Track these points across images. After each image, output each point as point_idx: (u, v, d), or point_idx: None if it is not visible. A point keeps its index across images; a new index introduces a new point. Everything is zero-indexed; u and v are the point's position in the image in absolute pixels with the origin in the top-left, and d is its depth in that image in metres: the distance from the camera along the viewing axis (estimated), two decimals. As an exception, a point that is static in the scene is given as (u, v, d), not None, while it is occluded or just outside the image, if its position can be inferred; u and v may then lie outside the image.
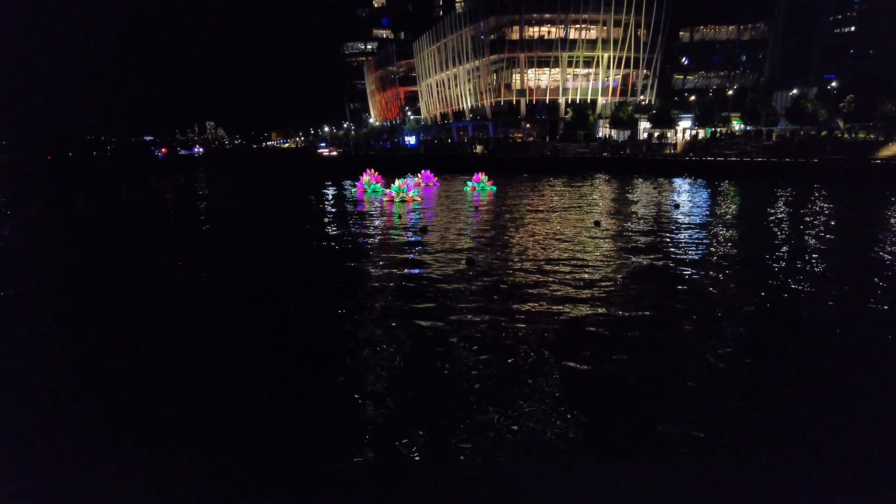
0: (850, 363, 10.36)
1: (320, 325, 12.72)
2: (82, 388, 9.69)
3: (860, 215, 30.30)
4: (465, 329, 11.93)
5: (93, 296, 15.68)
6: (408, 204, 34.97)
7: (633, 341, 11.25)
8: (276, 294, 15.39)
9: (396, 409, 8.60)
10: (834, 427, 8.15)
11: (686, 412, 8.47)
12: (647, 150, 76.81)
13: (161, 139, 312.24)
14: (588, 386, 9.29)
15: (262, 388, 9.50)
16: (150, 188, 58.69)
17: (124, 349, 11.43)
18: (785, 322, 12.56)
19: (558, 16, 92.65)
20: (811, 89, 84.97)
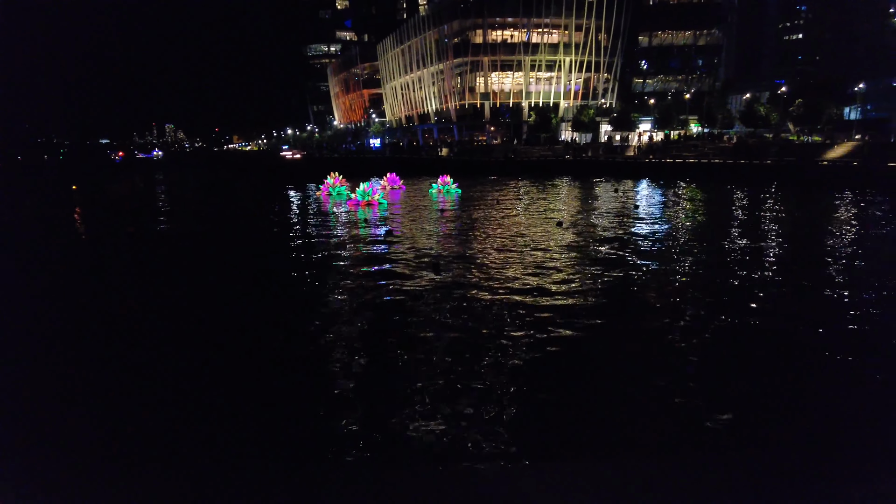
0: (799, 352, 10.79)
1: (281, 331, 12.52)
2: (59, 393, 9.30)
3: (809, 214, 31.59)
4: (430, 331, 11.93)
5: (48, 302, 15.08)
6: (373, 207, 34.78)
7: (596, 337, 11.45)
8: (236, 299, 15.08)
9: (359, 415, 8.53)
10: (788, 417, 8.47)
11: (652, 410, 8.66)
12: (608, 153, 78.37)
13: (118, 142, 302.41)
14: (554, 384, 9.41)
15: (221, 397, 9.29)
16: (105, 192, 56.78)
17: (82, 365, 11.01)
18: (740, 313, 12.98)
19: (521, 20, 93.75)
20: (763, 93, 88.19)
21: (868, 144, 59.51)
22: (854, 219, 29.45)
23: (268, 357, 11.00)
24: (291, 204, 40.16)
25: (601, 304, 14.00)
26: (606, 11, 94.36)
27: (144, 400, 9.25)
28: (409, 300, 14.23)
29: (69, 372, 10.51)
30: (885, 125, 71.12)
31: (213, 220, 33.12)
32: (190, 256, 21.82)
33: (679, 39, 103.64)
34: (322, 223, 29.47)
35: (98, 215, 36.39)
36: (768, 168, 56.84)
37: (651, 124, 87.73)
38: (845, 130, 71.22)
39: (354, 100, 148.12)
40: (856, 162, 53.52)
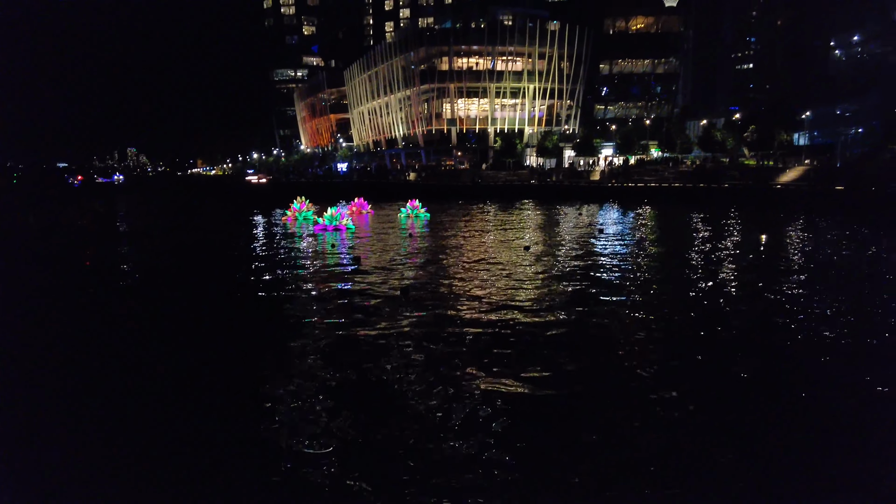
0: (756, 366, 11.07)
1: (245, 360, 12.21)
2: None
3: (765, 234, 32.78)
4: (399, 358, 11.81)
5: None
6: (341, 232, 34.55)
7: (566, 360, 11.51)
8: (197, 327, 14.67)
9: (326, 447, 8.33)
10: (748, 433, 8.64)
11: (625, 431, 8.71)
12: (572, 177, 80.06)
13: (77, 166, 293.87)
14: (526, 410, 9.39)
15: (185, 426, 8.96)
16: (62, 218, 54.90)
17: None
18: (703, 330, 13.27)
19: (485, 48, 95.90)
20: (719, 119, 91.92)
21: (816, 169, 62.47)
22: (806, 239, 30.69)
23: (221, 389, 10.68)
24: (256, 230, 39.56)
25: (571, 326, 14.13)
26: (568, 41, 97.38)
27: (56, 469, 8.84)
28: (401, 292, 14.05)
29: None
30: (831, 151, 74.90)
31: (173, 248, 32.34)
32: (143, 290, 21.19)
33: (638, 67, 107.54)
34: (288, 249, 29.08)
35: (53, 243, 35.10)
36: (726, 191, 58.95)
37: (613, 149, 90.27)
38: (796, 155, 74.67)
39: (321, 124, 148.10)
40: (807, 185, 56.01)
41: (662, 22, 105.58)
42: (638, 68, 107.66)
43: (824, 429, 9.03)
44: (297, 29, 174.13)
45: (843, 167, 62.85)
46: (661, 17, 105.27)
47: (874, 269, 22.27)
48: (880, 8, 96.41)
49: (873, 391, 10.25)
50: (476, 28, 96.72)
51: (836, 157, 70.59)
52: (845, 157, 71.62)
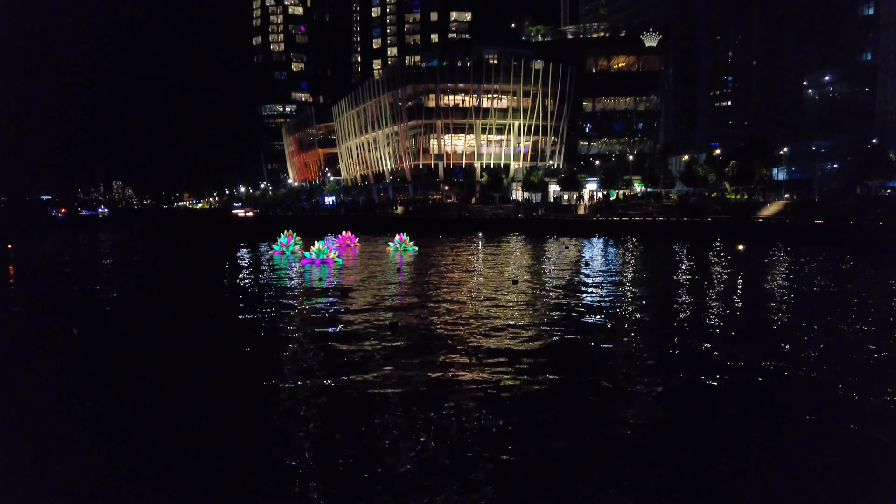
0: (742, 402, 11.08)
1: (232, 394, 11.97)
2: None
3: (749, 268, 33.23)
4: (386, 394, 11.66)
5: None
6: (329, 266, 34.41)
7: (554, 398, 11.44)
8: (185, 362, 14.40)
9: (312, 487, 8.13)
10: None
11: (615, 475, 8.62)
12: (557, 212, 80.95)
13: (61, 198, 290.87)
14: (516, 450, 9.27)
15: (175, 461, 8.71)
16: (44, 251, 54.06)
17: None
18: (688, 367, 13.30)
19: (472, 86, 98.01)
20: (700, 155, 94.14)
21: (795, 203, 63.91)
22: (789, 272, 31.16)
23: (208, 425, 10.43)
24: (243, 264, 39.28)
25: (557, 361, 14.08)
26: (552, 79, 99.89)
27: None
28: (389, 327, 13.92)
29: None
30: (809, 185, 76.89)
31: (155, 282, 31.94)
32: (127, 327, 20.83)
33: (620, 105, 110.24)
34: (275, 283, 28.86)
35: (33, 278, 34.48)
36: (710, 225, 59.88)
37: (597, 184, 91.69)
38: (776, 189, 76.49)
39: (309, 158, 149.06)
40: (788, 219, 57.18)
41: (643, 61, 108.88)
42: (620, 105, 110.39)
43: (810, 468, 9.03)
44: (286, 65, 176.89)
45: (821, 201, 64.40)
46: (641, 56, 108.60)
47: (859, 302, 22.62)
48: (848, 51, 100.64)
49: (856, 433, 10.30)
50: (462, 66, 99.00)
51: (814, 192, 72.39)
52: (822, 191, 73.49)
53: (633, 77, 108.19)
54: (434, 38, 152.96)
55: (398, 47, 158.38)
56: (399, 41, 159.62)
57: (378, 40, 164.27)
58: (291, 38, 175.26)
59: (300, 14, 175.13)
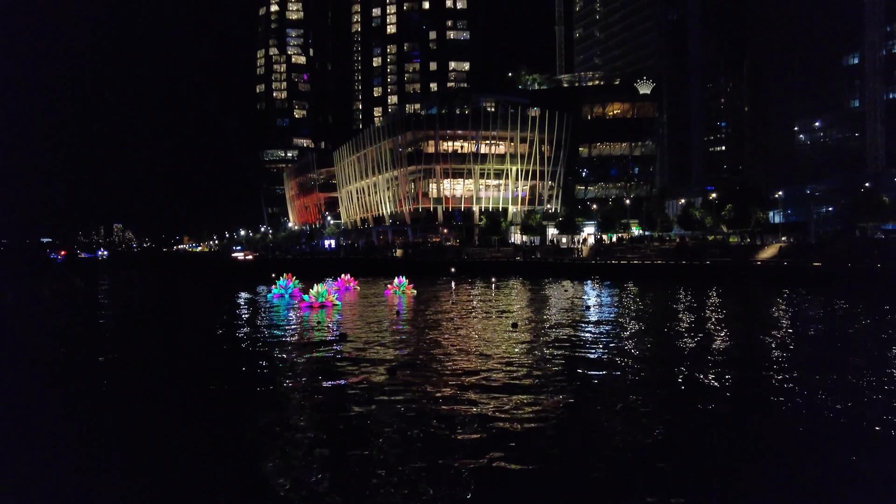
0: (746, 444, 10.87)
1: (228, 444, 11.73)
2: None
3: (750, 311, 33.15)
4: (386, 438, 11.44)
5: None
6: (327, 309, 34.28)
7: (553, 444, 11.23)
8: (180, 410, 14.17)
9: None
10: None
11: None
12: (556, 255, 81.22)
13: (61, 241, 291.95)
14: (519, 492, 9.06)
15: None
16: (40, 295, 53.86)
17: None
18: (692, 412, 13.10)
19: (470, 132, 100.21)
20: (697, 199, 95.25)
21: (792, 246, 64.24)
22: (792, 317, 31.04)
23: (204, 476, 10.20)
24: (241, 307, 39.14)
25: (558, 408, 13.88)
26: (548, 126, 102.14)
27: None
28: (387, 373, 13.72)
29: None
30: (805, 228, 77.55)
31: (153, 326, 31.73)
32: (117, 377, 20.60)
33: (616, 150, 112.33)
34: (274, 327, 28.69)
35: (27, 324, 34.28)
36: (708, 268, 59.99)
37: (595, 227, 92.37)
38: (773, 232, 77.01)
39: (310, 202, 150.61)
40: (786, 262, 57.35)
41: (637, 108, 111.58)
42: (616, 151, 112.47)
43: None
44: (289, 112, 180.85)
45: (817, 244, 64.75)
46: (635, 103, 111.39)
47: (861, 346, 22.47)
48: (835, 98, 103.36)
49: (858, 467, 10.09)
50: (461, 114, 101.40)
51: (811, 235, 72.93)
52: (819, 234, 74.06)
53: (628, 123, 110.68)
54: (433, 87, 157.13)
55: (398, 95, 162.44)
56: (399, 89, 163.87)
57: (379, 89, 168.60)
58: (294, 87, 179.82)
59: (303, 63, 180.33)
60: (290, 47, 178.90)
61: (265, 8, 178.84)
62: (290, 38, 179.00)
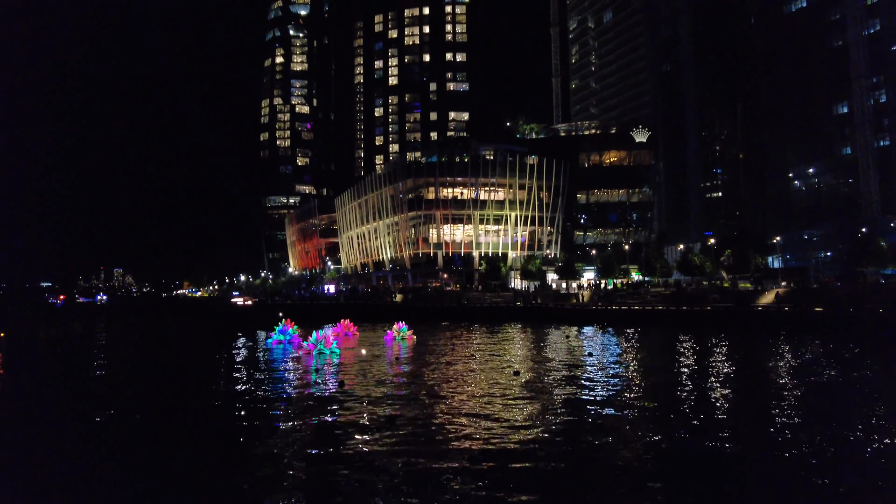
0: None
1: (228, 484, 11.48)
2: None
3: (752, 357, 32.84)
4: (386, 487, 11.20)
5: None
6: (326, 356, 33.98)
7: (555, 496, 11.00)
8: (178, 456, 13.90)
9: None
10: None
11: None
12: (556, 300, 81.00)
13: (61, 285, 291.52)
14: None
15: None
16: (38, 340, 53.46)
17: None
18: (698, 463, 12.85)
19: (469, 179, 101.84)
20: (695, 244, 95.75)
21: (793, 291, 64.18)
22: (796, 364, 30.74)
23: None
24: (239, 353, 38.80)
25: (562, 456, 13.64)
26: (546, 173, 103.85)
27: None
28: (387, 421, 13.46)
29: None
30: (805, 273, 77.65)
31: (150, 373, 31.39)
32: (113, 427, 20.30)
33: (614, 197, 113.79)
34: (271, 374, 28.39)
35: (24, 368, 33.92)
36: (708, 314, 59.73)
37: (594, 273, 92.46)
38: (772, 278, 77.04)
39: (310, 247, 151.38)
40: (787, 307, 57.15)
41: (634, 156, 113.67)
42: (614, 197, 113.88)
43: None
44: (292, 160, 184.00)
45: (818, 289, 64.71)
46: (632, 151, 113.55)
47: (868, 394, 22.21)
48: (827, 145, 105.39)
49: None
50: (460, 161, 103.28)
51: (811, 280, 72.97)
52: (818, 279, 74.09)
53: (625, 171, 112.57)
54: (433, 136, 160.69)
55: (399, 144, 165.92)
56: (400, 138, 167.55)
57: (380, 137, 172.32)
58: (298, 135, 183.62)
59: (306, 112, 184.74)
60: (294, 97, 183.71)
61: (270, 59, 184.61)
62: (295, 88, 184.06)
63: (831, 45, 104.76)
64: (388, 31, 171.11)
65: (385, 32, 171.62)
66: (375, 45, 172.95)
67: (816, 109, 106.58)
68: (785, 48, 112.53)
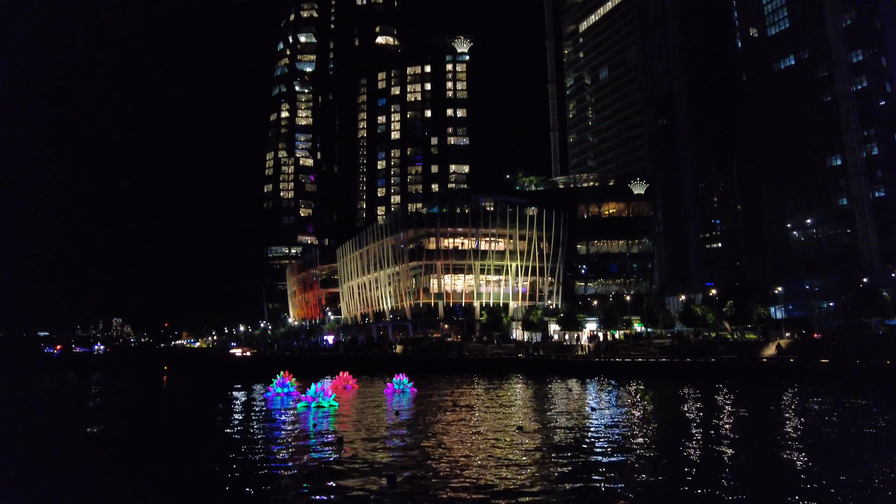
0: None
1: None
2: None
3: (760, 411, 32.12)
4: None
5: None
6: (325, 409, 33.31)
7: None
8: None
9: None
10: None
11: None
12: (559, 352, 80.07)
13: (59, 335, 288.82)
14: None
15: None
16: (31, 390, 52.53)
17: None
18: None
19: (470, 230, 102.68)
20: (697, 295, 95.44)
21: (797, 342, 63.55)
22: (805, 418, 30.06)
23: None
24: (235, 407, 38.05)
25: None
26: (546, 224, 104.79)
27: None
28: (387, 481, 12.99)
29: None
30: (808, 323, 77.09)
31: (143, 426, 30.70)
32: (108, 482, 19.74)
33: (614, 248, 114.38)
34: (268, 429, 27.76)
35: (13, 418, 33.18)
36: (713, 365, 58.90)
37: (596, 324, 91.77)
38: (776, 328, 76.41)
39: (311, 297, 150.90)
40: (792, 359, 56.43)
41: (632, 207, 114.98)
42: (613, 248, 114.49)
43: None
44: (295, 211, 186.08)
45: (823, 340, 64.09)
46: (630, 203, 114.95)
47: (882, 450, 21.61)
48: (823, 196, 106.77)
49: None
50: (461, 212, 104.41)
51: (814, 330, 72.38)
52: (822, 329, 73.49)
53: (624, 222, 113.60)
54: (435, 188, 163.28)
55: (401, 195, 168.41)
56: (402, 190, 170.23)
57: (382, 189, 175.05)
58: (301, 187, 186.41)
59: (310, 165, 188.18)
60: (299, 150, 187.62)
61: (276, 114, 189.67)
62: (299, 141, 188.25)
63: (821, 100, 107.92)
64: (391, 87, 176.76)
65: (388, 89, 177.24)
66: (379, 101, 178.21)
67: (811, 161, 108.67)
68: (777, 103, 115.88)
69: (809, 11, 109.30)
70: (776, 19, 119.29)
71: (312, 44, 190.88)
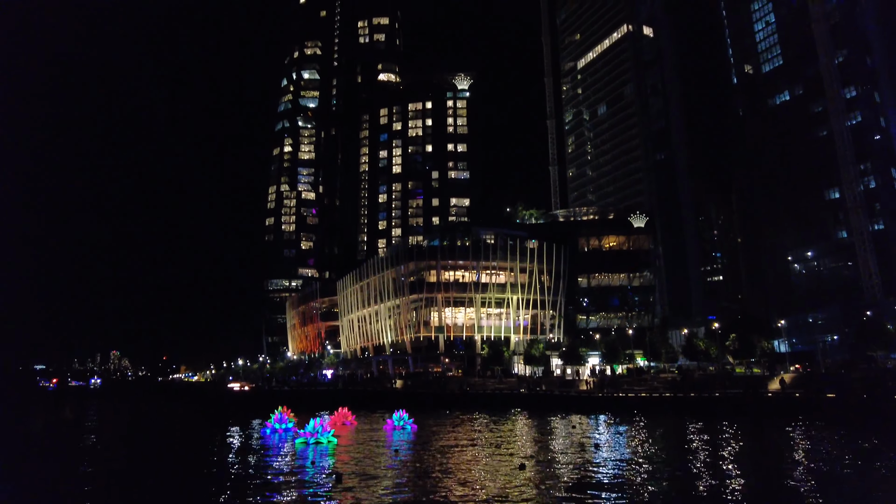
0: None
1: None
2: None
3: (767, 448, 31.45)
4: None
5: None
6: (323, 446, 32.67)
7: None
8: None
9: None
10: None
11: None
12: (562, 387, 78.99)
13: (55, 368, 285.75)
14: None
15: None
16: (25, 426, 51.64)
17: None
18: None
19: (470, 262, 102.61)
20: (699, 328, 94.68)
21: (803, 376, 62.74)
22: (814, 455, 29.41)
23: None
24: (232, 442, 37.35)
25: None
26: (546, 257, 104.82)
27: None
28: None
29: None
30: (812, 357, 76.22)
31: (137, 465, 30.08)
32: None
33: (615, 281, 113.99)
34: (266, 466, 27.16)
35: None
36: (717, 400, 58.01)
37: (599, 358, 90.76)
38: (780, 362, 75.54)
39: (310, 331, 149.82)
40: (798, 393, 55.59)
41: (633, 240, 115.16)
42: (615, 281, 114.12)
43: None
44: (296, 244, 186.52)
45: (828, 374, 63.30)
46: (630, 236, 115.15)
47: (887, 485, 21.09)
48: (823, 229, 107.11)
49: None
50: (461, 245, 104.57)
51: (819, 364, 71.54)
52: (826, 363, 72.62)
53: (624, 255, 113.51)
54: (435, 221, 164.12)
55: (402, 228, 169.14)
56: (403, 223, 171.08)
57: (384, 222, 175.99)
58: (303, 220, 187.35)
59: (312, 199, 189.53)
60: (301, 184, 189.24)
61: (279, 148, 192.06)
62: (301, 175, 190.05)
63: (817, 134, 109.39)
64: (393, 123, 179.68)
65: (390, 124, 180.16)
66: (381, 136, 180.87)
67: (809, 195, 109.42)
68: (774, 137, 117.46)
69: (802, 49, 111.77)
70: (770, 56, 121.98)
71: (316, 80, 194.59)
